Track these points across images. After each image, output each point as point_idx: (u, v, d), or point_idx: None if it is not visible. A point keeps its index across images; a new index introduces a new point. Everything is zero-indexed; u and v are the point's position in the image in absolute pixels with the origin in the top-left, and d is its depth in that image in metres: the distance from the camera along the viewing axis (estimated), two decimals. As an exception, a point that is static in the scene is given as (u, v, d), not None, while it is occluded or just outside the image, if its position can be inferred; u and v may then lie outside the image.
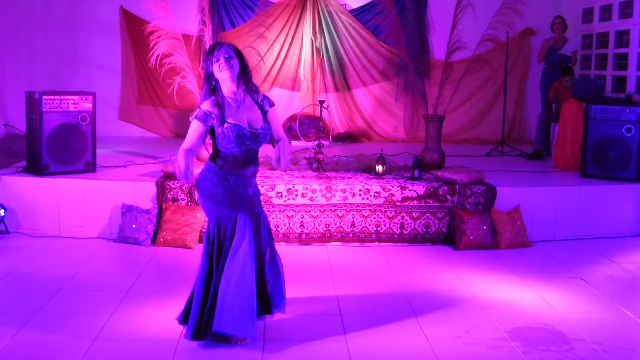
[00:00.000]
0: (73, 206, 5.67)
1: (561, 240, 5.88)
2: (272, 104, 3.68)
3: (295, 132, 8.64)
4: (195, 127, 3.49)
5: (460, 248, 5.52)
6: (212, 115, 3.47)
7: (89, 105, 6.05)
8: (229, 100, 3.53)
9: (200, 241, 5.50)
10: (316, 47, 9.35)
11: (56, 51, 9.12)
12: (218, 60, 3.48)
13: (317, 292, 4.46)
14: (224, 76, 3.50)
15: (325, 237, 5.66)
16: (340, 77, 9.44)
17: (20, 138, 7.52)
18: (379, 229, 5.69)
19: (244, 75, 3.55)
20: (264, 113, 3.62)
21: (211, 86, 3.54)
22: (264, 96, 3.68)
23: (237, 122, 3.48)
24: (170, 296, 4.30)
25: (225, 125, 3.46)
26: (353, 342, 3.65)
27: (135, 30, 8.95)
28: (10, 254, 5.18)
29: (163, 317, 3.94)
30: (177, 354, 3.46)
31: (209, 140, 3.66)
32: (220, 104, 3.49)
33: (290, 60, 9.37)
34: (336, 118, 9.39)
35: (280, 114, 4.10)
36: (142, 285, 4.52)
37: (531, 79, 9.49)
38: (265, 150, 6.74)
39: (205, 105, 3.50)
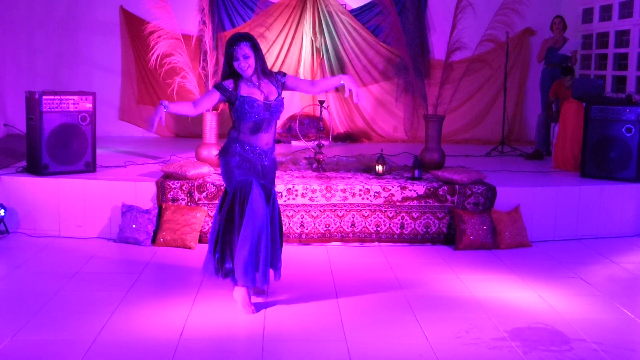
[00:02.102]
0: (73, 206, 5.67)
1: (561, 240, 5.88)
2: (284, 74, 4.11)
3: (295, 132, 8.65)
4: (208, 92, 4.06)
5: (460, 248, 5.52)
6: (226, 87, 3.95)
7: (89, 105, 6.05)
8: (245, 80, 3.98)
9: (200, 241, 5.51)
10: (316, 47, 9.35)
11: (56, 51, 9.12)
12: (237, 60, 3.91)
13: (317, 292, 4.46)
14: (242, 74, 3.94)
15: (325, 237, 5.66)
16: (340, 77, 9.42)
17: (20, 138, 7.52)
18: (379, 229, 5.69)
19: (260, 67, 3.96)
20: (282, 85, 4.07)
21: (232, 70, 3.97)
22: (276, 73, 4.10)
23: (249, 95, 3.95)
24: (170, 296, 4.30)
25: (240, 98, 3.93)
26: (353, 342, 3.65)
27: (135, 30, 8.95)
28: (10, 254, 5.18)
29: (163, 317, 3.95)
30: (177, 354, 3.46)
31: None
32: (235, 82, 3.97)
33: (290, 60, 9.36)
34: (336, 118, 9.39)
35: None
36: (142, 285, 4.52)
37: (531, 79, 9.49)
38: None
39: (223, 80, 4.00)
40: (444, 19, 8.42)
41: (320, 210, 5.66)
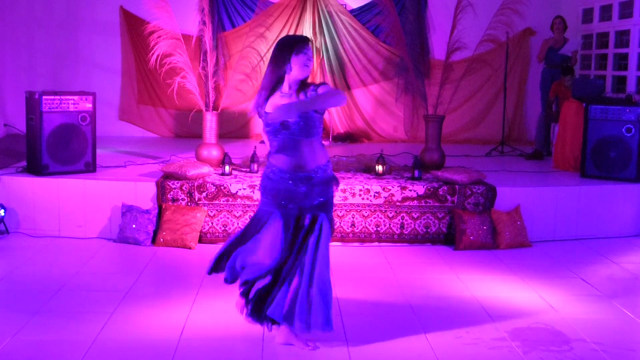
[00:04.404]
0: (73, 206, 5.67)
1: (561, 240, 5.88)
2: (317, 86, 3.49)
3: (295, 132, 8.64)
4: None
5: (460, 248, 5.52)
6: (258, 105, 3.54)
7: (89, 105, 6.05)
8: (278, 92, 3.51)
9: (200, 241, 5.51)
10: (316, 47, 9.35)
11: (56, 51, 9.12)
12: (306, 54, 3.46)
13: (317, 292, 4.45)
14: (296, 73, 3.46)
15: (325, 237, 5.65)
16: (340, 77, 9.44)
17: (20, 138, 7.52)
18: (378, 229, 5.69)
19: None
20: None
21: (280, 76, 3.49)
22: (313, 85, 3.52)
23: (269, 111, 3.46)
24: (171, 296, 4.30)
25: (265, 115, 3.49)
26: (353, 342, 3.64)
27: (135, 30, 8.95)
28: (10, 254, 5.18)
29: (163, 318, 3.95)
30: (177, 354, 3.46)
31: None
32: (267, 96, 3.51)
33: (290, 60, 9.35)
34: (336, 118, 9.39)
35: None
36: (142, 285, 4.52)
37: (531, 79, 9.49)
38: (266, 151, 6.75)
39: (258, 95, 3.56)
40: (444, 19, 8.41)
41: (320, 210, 5.65)
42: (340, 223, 5.67)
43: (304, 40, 3.52)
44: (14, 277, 4.65)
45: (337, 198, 5.65)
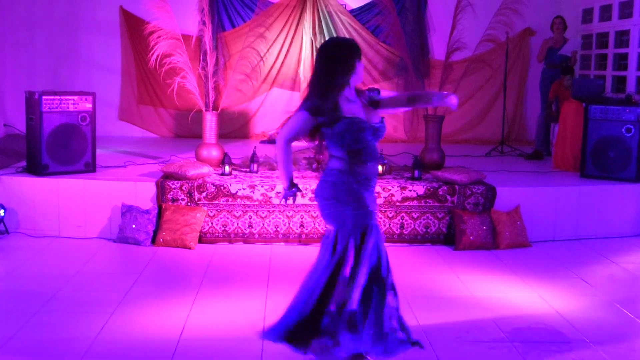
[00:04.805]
0: (73, 206, 5.67)
1: (561, 240, 5.88)
2: (378, 92, 3.35)
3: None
4: (302, 119, 3.22)
5: (460, 248, 5.52)
6: (325, 110, 3.16)
7: (89, 106, 6.05)
8: (344, 97, 3.23)
9: (200, 241, 5.51)
10: (316, 47, 9.35)
11: (56, 51, 9.11)
12: (359, 71, 3.27)
13: (317, 292, 4.45)
14: (358, 78, 3.29)
15: (325, 237, 5.65)
16: (339, 77, 9.42)
17: (20, 138, 7.52)
18: (379, 229, 5.68)
19: None
20: (376, 104, 3.31)
21: (345, 82, 3.22)
22: (367, 93, 3.35)
23: (355, 116, 3.19)
24: (170, 296, 4.30)
25: (343, 120, 3.16)
26: (353, 342, 3.64)
27: (135, 30, 8.94)
28: (10, 254, 5.18)
29: (163, 317, 3.95)
30: (177, 354, 3.46)
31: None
32: (335, 101, 3.18)
33: (290, 60, 9.36)
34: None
35: (279, 114, 4.06)
36: (142, 285, 4.52)
37: (531, 79, 9.49)
38: (265, 151, 6.76)
39: (318, 100, 3.18)
40: (444, 19, 8.41)
41: (320, 210, 5.65)
42: (340, 223, 5.66)
43: (360, 53, 3.34)
44: (14, 277, 4.65)
45: (337, 198, 5.64)
